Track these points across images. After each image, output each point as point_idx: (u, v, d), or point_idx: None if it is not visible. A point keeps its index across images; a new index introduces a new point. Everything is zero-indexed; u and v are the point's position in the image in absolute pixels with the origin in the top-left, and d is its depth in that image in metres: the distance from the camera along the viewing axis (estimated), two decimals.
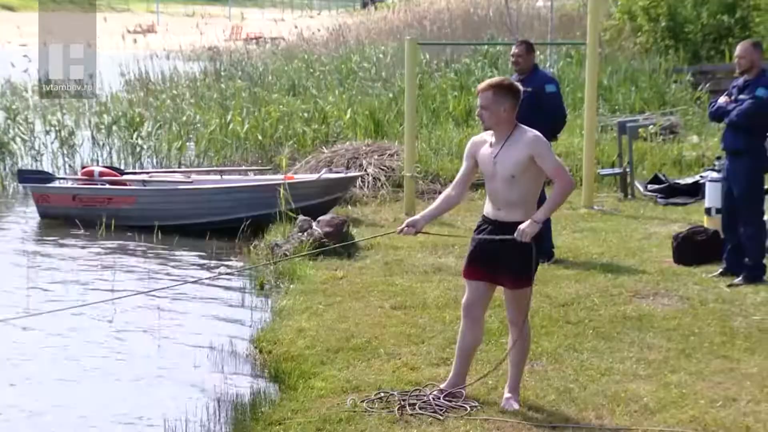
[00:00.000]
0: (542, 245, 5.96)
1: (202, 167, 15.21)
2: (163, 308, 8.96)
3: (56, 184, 13.27)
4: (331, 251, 10.03)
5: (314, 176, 12.50)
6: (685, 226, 10.12)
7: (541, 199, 6.03)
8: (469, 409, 5.87)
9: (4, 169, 15.30)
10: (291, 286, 9.23)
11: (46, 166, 15.72)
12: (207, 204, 12.31)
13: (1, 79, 24.50)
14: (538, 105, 9.07)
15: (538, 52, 12.99)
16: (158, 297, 9.27)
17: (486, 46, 21.55)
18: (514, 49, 9.74)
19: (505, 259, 5.75)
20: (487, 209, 5.89)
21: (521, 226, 5.64)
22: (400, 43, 19.91)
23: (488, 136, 5.84)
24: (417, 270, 9.32)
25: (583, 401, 6.04)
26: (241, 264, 10.81)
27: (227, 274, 10.20)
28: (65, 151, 16.30)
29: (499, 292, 6.03)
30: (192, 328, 8.44)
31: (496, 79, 5.87)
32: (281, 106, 17.74)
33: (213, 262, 10.96)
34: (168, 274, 10.47)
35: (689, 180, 12.92)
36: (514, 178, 5.67)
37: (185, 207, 12.36)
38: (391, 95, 17.98)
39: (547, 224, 8.66)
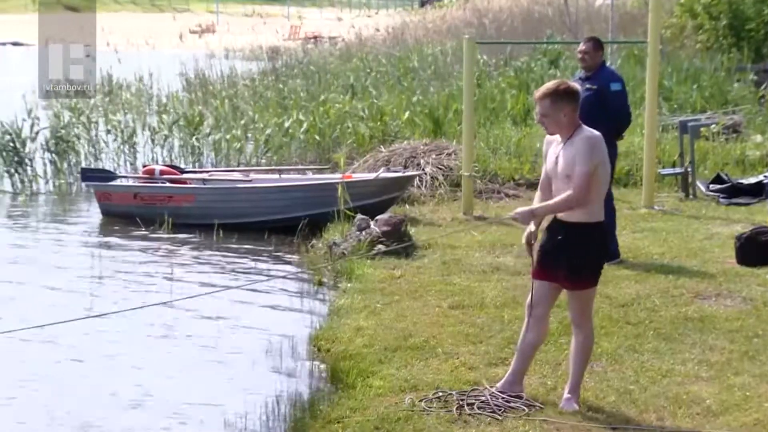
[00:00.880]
0: (607, 248, 5.90)
1: (261, 166, 15.30)
2: (222, 307, 9.02)
3: (118, 182, 13.44)
4: (389, 249, 10.05)
5: (372, 175, 12.50)
6: (748, 227, 9.96)
7: (608, 199, 5.98)
8: (527, 409, 5.83)
9: (68, 167, 15.50)
10: (349, 284, 9.24)
11: (108, 165, 15.92)
12: (265, 203, 12.36)
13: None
14: (602, 103, 8.98)
15: None
16: (217, 296, 9.35)
17: (546, 45, 21.41)
18: (581, 46, 9.55)
19: (562, 259, 5.71)
20: None
21: (518, 208, 5.69)
22: (459, 42, 19.84)
23: (557, 136, 5.80)
24: (475, 269, 9.28)
25: (644, 403, 5.97)
26: (297, 262, 10.84)
27: (300, 272, 10.22)
28: (127, 150, 16.50)
29: (564, 293, 5.98)
30: (251, 327, 8.49)
31: (551, 84, 5.78)
32: (338, 105, 17.79)
33: (272, 261, 11.01)
34: (229, 272, 10.54)
35: (752, 180, 12.71)
36: (569, 177, 5.63)
37: (244, 206, 12.44)
38: (449, 94, 17.93)
39: (611, 226, 8.57)
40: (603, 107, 8.89)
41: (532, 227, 5.90)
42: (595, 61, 9.40)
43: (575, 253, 5.69)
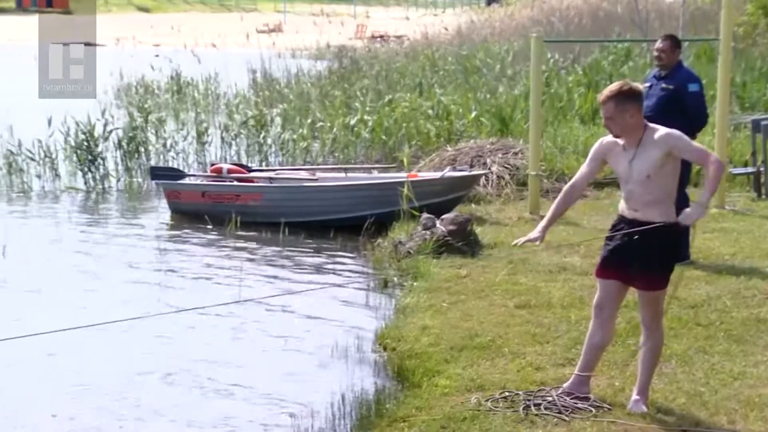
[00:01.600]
0: (683, 250, 5.83)
1: (328, 165, 15.36)
2: (288, 305, 9.07)
3: (186, 181, 13.59)
4: (455, 249, 10.03)
5: (438, 174, 12.48)
6: None
7: (683, 200, 5.91)
8: (595, 410, 5.78)
9: (139, 166, 15.72)
10: (415, 283, 9.24)
11: (177, 164, 16.11)
12: (332, 201, 12.41)
13: (134, 78, 25.24)
14: (678, 104, 8.85)
15: None
16: (284, 293, 9.42)
17: (614, 43, 21.17)
18: (658, 44, 9.37)
19: (643, 260, 5.64)
20: (623, 209, 5.79)
21: (686, 210, 5.51)
22: (526, 41, 19.73)
23: (618, 139, 5.73)
24: (541, 269, 9.22)
25: (715, 405, 5.88)
26: (363, 260, 10.87)
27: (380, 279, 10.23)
28: (196, 149, 16.69)
29: (630, 292, 5.91)
30: (317, 325, 8.53)
31: (614, 86, 5.71)
32: (405, 103, 17.80)
33: (338, 260, 11.05)
34: (295, 271, 10.60)
35: None
36: (650, 178, 5.57)
37: (310, 204, 12.50)
38: (516, 93, 17.84)
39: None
40: (679, 107, 8.76)
41: (537, 234, 5.87)
42: (671, 60, 9.23)
43: (650, 254, 5.62)
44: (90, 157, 15.31)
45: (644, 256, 5.63)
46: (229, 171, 13.18)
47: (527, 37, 19.17)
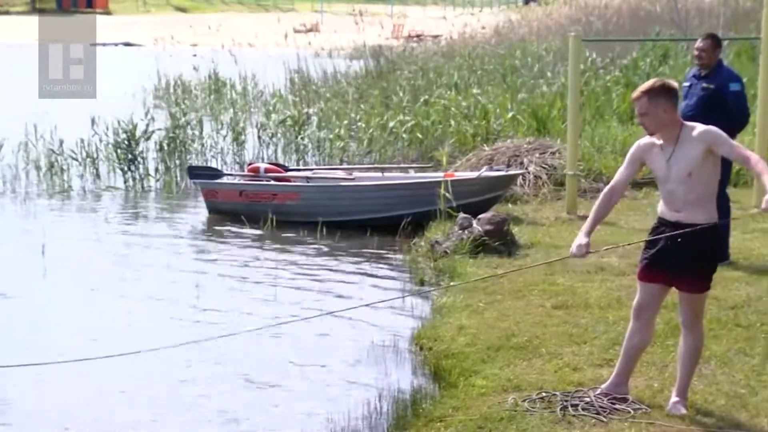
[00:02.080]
0: (723, 250, 5.78)
1: (364, 164, 15.37)
2: (325, 304, 9.09)
3: (224, 180, 13.65)
4: (491, 249, 10.00)
5: (475, 174, 12.46)
6: None
7: (724, 200, 5.85)
8: (633, 411, 5.74)
9: (178, 165, 15.81)
10: (451, 283, 9.22)
11: (215, 163, 16.20)
12: (368, 201, 12.42)
13: (173, 78, 25.40)
14: (719, 103, 8.76)
15: None
16: (322, 294, 9.45)
17: (653, 42, 21.01)
18: (698, 43, 9.27)
19: (687, 262, 5.59)
20: (664, 211, 5.72)
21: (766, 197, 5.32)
22: (564, 40, 19.64)
23: (655, 139, 5.69)
24: (578, 269, 9.16)
25: (755, 407, 5.82)
26: (400, 260, 10.86)
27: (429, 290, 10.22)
28: (233, 148, 16.76)
29: (669, 293, 5.86)
30: (353, 324, 8.53)
31: (647, 83, 5.70)
32: (443, 101, 17.77)
33: (375, 260, 11.04)
34: (333, 270, 10.61)
35: None
36: (691, 176, 5.51)
37: (347, 203, 12.51)
38: (554, 92, 17.76)
39: (725, 227, 8.35)
40: (719, 107, 8.67)
41: (584, 240, 5.77)
42: (712, 59, 9.13)
43: (694, 256, 5.58)
44: (130, 156, 15.43)
45: (688, 258, 5.58)
46: (267, 170, 13.23)
47: (565, 36, 19.07)
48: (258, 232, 12.13)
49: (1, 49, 46.60)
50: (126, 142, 15.43)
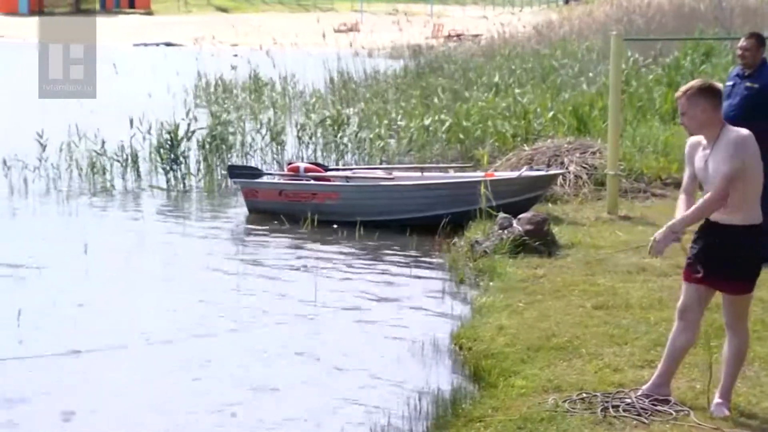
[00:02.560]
0: (765, 250, 5.71)
1: (404, 164, 15.36)
2: (365, 304, 9.11)
3: (264, 179, 13.70)
4: (531, 249, 9.96)
5: (515, 174, 12.41)
6: None
7: (766, 198, 5.79)
8: (675, 413, 5.69)
9: (220, 164, 15.88)
10: (491, 283, 9.20)
11: (255, 163, 16.26)
12: (408, 200, 12.41)
13: (213, 78, 25.55)
14: (762, 103, 8.66)
15: None
16: (359, 294, 9.45)
17: (697, 41, 20.80)
18: (742, 42, 9.17)
19: (729, 264, 5.54)
20: None
21: (656, 234, 5.54)
22: (606, 39, 19.50)
23: (702, 138, 5.65)
24: (620, 269, 9.10)
25: None
26: (440, 260, 10.84)
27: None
28: (273, 148, 16.82)
29: (717, 295, 5.80)
30: (393, 323, 8.54)
31: (689, 83, 5.70)
32: (481, 103, 17.72)
33: (414, 259, 11.04)
34: (372, 270, 10.61)
35: None
36: None
37: (387, 203, 12.51)
38: (595, 92, 17.64)
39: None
40: (763, 106, 8.57)
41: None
42: (756, 59, 9.03)
43: (734, 257, 5.52)
44: (172, 156, 15.54)
45: (730, 260, 5.53)
46: (306, 170, 13.25)
47: (606, 35, 18.94)
48: (297, 231, 12.16)
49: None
50: (168, 142, 15.53)
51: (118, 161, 15.60)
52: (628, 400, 5.85)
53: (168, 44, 53.48)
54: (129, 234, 12.37)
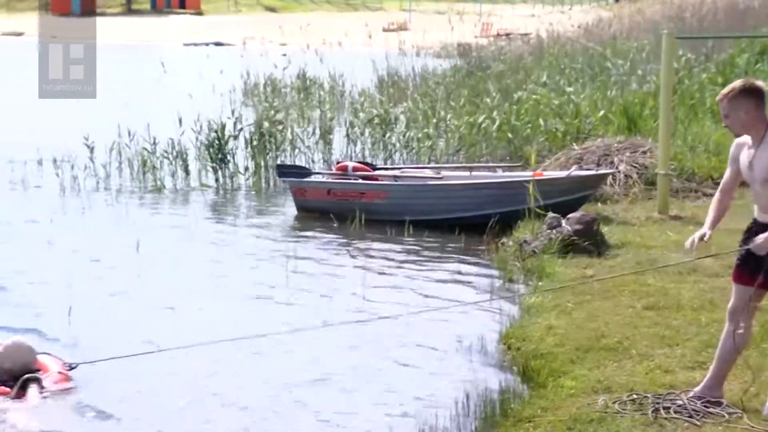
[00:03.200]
0: None
1: (452, 163, 15.33)
2: (413, 302, 9.09)
3: (312, 178, 13.74)
4: (580, 249, 9.90)
5: (564, 173, 12.34)
6: None
7: None
8: (727, 415, 5.62)
9: (266, 163, 15.97)
10: (539, 283, 9.16)
11: (303, 162, 16.32)
12: (456, 200, 12.38)
13: (262, 78, 25.69)
14: None
15: None
16: (407, 293, 9.45)
17: (751, 38, 20.52)
18: None
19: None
20: (756, 212, 5.64)
21: (757, 238, 5.41)
22: (657, 38, 19.32)
23: (748, 138, 5.58)
24: (671, 270, 9.00)
25: None
26: (488, 259, 10.81)
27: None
28: (321, 147, 16.87)
29: None
30: (441, 323, 8.52)
31: (730, 85, 5.64)
32: (535, 96, 17.65)
33: (462, 259, 11.02)
34: (421, 270, 10.60)
35: None
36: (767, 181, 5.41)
37: (435, 202, 12.49)
38: (646, 91, 17.48)
39: None
40: None
41: (707, 231, 5.66)
42: None
43: None
44: (220, 155, 15.65)
45: None
46: (355, 169, 13.28)
47: (658, 33, 18.76)
48: (346, 230, 12.19)
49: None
50: (216, 140, 15.65)
51: (168, 159, 15.74)
52: (680, 402, 5.79)
53: (217, 44, 53.87)
54: (179, 233, 12.47)
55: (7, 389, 6.69)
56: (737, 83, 5.61)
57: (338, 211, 12.61)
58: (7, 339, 6.89)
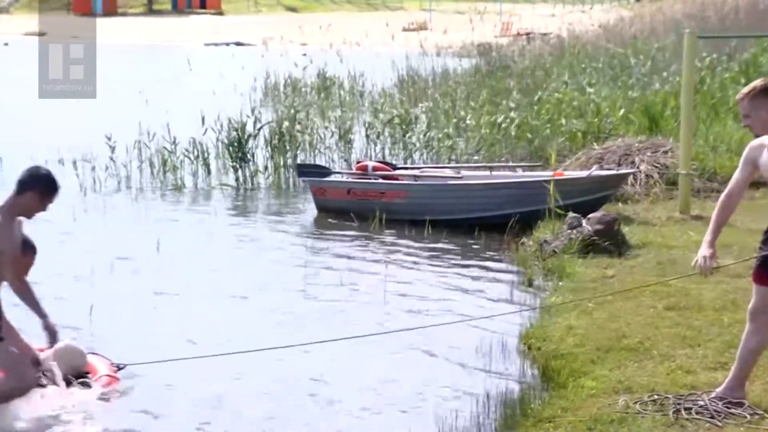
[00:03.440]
0: None
1: (472, 163, 15.31)
2: (433, 304, 9.09)
3: (332, 178, 13.75)
4: (601, 249, 9.86)
5: (584, 173, 12.30)
6: None
7: None
8: (749, 416, 5.59)
9: (286, 163, 15.99)
10: (560, 283, 9.14)
11: (323, 161, 16.33)
12: (476, 199, 12.37)
13: (282, 77, 25.75)
14: None
15: None
16: (428, 293, 9.44)
17: None
18: None
19: None
20: None
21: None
22: (679, 37, 19.23)
23: (765, 140, 5.54)
24: (692, 270, 8.93)
25: None
26: (508, 259, 10.78)
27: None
28: (342, 146, 16.88)
29: None
30: (461, 323, 8.49)
31: (750, 85, 5.61)
32: (557, 95, 17.60)
33: (482, 258, 11.00)
34: (441, 270, 10.58)
35: None
36: None
37: (455, 202, 12.48)
38: (667, 91, 17.40)
39: None
40: None
41: (708, 251, 5.64)
42: None
43: None
44: (240, 153, 15.68)
45: None
46: (375, 168, 13.28)
47: (679, 32, 18.66)
48: (366, 230, 12.19)
49: (117, 49, 47.84)
50: (236, 140, 15.69)
51: (189, 158, 15.79)
52: (701, 403, 5.76)
53: (238, 44, 54.06)
54: (200, 232, 12.51)
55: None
56: (758, 82, 5.58)
57: (358, 210, 12.61)
58: (60, 342, 6.90)
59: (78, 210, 13.53)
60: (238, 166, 15.68)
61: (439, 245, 11.54)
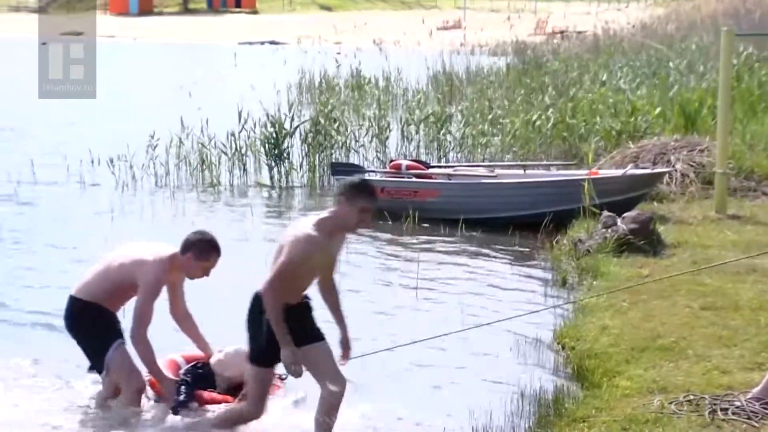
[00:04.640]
0: None
1: (506, 162, 15.27)
2: (467, 301, 9.08)
3: (366, 176, 13.75)
4: (636, 248, 9.81)
5: (619, 172, 12.23)
6: None
7: None
8: None
9: (320, 161, 16.02)
10: (594, 282, 9.10)
11: (357, 160, 16.35)
12: (510, 198, 12.33)
13: (317, 76, 25.79)
14: None
15: None
16: (461, 293, 9.43)
17: None
18: None
19: None
20: None
21: None
22: (716, 35, 19.07)
23: None
24: (729, 270, 8.89)
25: None
26: (543, 258, 10.75)
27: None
28: (376, 145, 16.89)
29: None
30: (496, 323, 8.47)
31: None
32: (590, 95, 17.50)
33: (517, 257, 10.97)
34: (475, 269, 10.58)
35: None
36: None
37: (488, 201, 12.45)
38: (704, 89, 17.27)
39: None
40: None
41: None
42: None
43: None
44: (276, 151, 15.74)
45: None
46: (408, 167, 13.28)
47: (716, 30, 18.50)
48: (399, 228, 12.19)
49: (152, 48, 48.17)
50: (272, 138, 15.73)
51: (226, 155, 15.85)
52: (738, 403, 5.73)
53: (272, 42, 54.18)
54: (235, 231, 12.54)
55: (230, 398, 6.72)
56: None
57: (392, 209, 12.60)
58: (229, 347, 6.91)
59: (115, 209, 13.63)
60: (273, 164, 15.73)
61: (473, 244, 11.53)
